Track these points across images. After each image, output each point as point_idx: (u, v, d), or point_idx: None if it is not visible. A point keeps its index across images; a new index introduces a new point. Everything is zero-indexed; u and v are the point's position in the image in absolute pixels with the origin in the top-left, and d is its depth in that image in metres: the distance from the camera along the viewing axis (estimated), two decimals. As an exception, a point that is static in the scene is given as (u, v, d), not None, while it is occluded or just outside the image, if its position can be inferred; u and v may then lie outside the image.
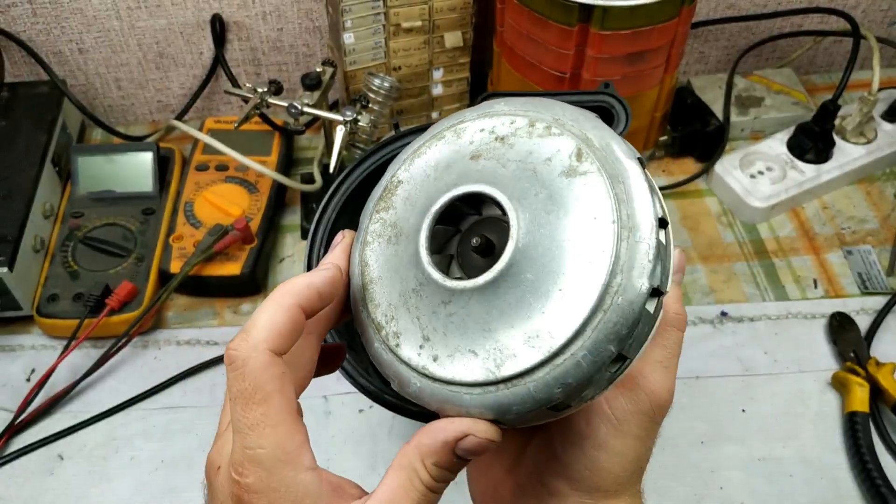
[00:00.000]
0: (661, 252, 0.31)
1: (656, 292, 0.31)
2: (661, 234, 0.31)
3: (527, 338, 0.31)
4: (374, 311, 0.36)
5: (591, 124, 0.34)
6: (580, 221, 0.31)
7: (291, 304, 0.32)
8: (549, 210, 0.32)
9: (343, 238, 0.38)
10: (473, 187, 0.34)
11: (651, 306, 0.31)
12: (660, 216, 0.31)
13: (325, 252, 0.64)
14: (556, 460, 0.37)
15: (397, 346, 0.35)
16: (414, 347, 0.34)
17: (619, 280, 0.30)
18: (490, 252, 0.34)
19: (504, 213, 0.33)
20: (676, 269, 0.36)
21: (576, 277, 0.31)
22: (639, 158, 0.33)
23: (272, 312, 0.32)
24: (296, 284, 0.33)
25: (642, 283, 0.30)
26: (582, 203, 0.32)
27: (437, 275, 0.33)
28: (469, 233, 0.36)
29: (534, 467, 0.39)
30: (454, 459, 0.32)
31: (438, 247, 0.36)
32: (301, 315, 0.33)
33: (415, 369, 0.34)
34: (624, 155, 0.32)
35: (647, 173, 0.33)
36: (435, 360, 0.34)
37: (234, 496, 0.30)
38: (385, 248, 0.37)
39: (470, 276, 0.34)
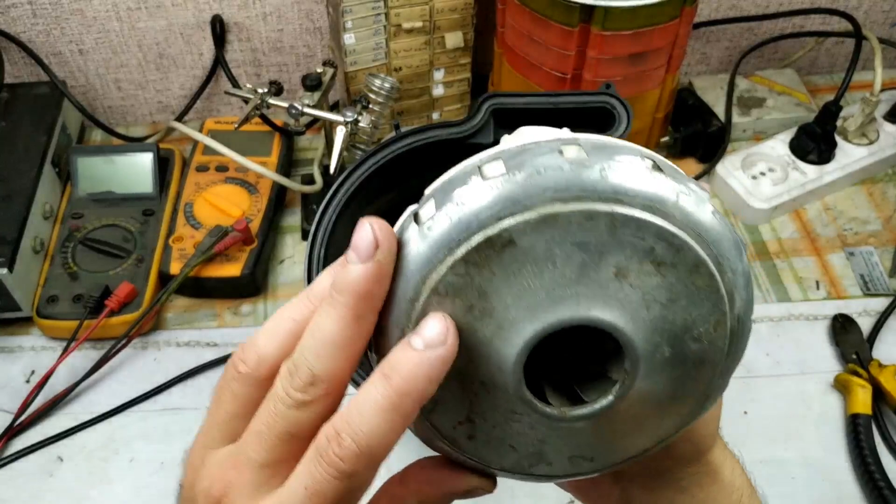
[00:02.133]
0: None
1: None
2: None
3: (658, 422, 0.31)
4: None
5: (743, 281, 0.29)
6: (690, 388, 0.31)
7: (411, 413, 0.27)
8: (665, 376, 0.29)
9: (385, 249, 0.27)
10: (608, 322, 0.27)
11: None
12: (745, 253, 0.30)
13: (326, 253, 0.64)
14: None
15: (430, 411, 0.30)
16: (450, 421, 0.30)
17: (736, 346, 0.31)
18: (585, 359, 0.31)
19: (624, 367, 0.28)
20: None
21: (698, 365, 0.30)
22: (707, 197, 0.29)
23: (393, 425, 0.26)
24: (417, 383, 0.26)
25: (750, 325, 0.31)
26: (697, 373, 0.30)
27: (552, 411, 0.29)
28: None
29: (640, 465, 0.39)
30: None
31: None
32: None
33: (515, 472, 0.32)
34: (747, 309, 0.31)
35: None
36: (470, 439, 0.31)
37: None
38: (457, 313, 0.28)
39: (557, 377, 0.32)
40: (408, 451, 0.32)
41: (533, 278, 0.27)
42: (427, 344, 0.26)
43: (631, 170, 0.27)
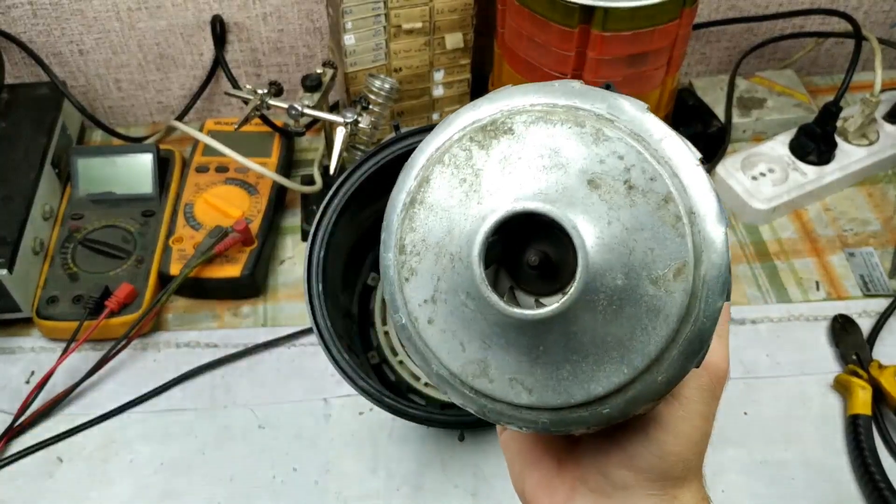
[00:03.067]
0: (730, 264, 0.30)
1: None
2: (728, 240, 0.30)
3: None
4: (413, 292, 0.33)
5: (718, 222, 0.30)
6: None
7: None
8: (615, 310, 0.30)
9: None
10: (568, 220, 0.29)
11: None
12: (727, 223, 0.30)
13: (326, 254, 0.64)
14: (619, 449, 0.35)
15: (407, 280, 0.33)
16: (419, 295, 0.32)
17: (697, 305, 0.29)
18: (550, 273, 0.32)
19: (573, 277, 0.30)
20: None
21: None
22: (701, 160, 0.31)
23: None
24: None
25: (720, 304, 0.29)
26: (650, 323, 0.30)
27: (495, 299, 0.30)
28: (523, 243, 0.33)
29: (593, 458, 0.36)
30: None
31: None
32: None
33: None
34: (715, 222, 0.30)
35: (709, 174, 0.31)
36: (430, 323, 0.32)
37: None
38: (452, 183, 0.32)
39: (525, 291, 0.32)
40: (407, 452, 0.33)
41: (518, 168, 0.31)
42: None
43: (629, 104, 0.31)
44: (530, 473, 0.38)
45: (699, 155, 0.31)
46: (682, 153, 0.30)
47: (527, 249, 0.32)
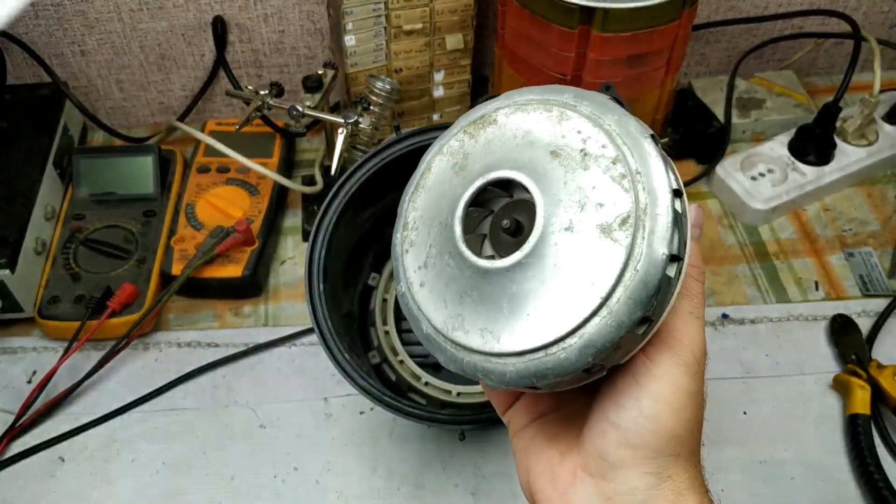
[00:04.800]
0: (678, 220, 0.34)
1: (675, 258, 0.33)
2: (677, 203, 0.34)
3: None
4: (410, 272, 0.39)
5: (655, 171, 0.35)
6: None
7: None
8: (569, 254, 0.34)
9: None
10: (530, 182, 0.35)
11: (671, 271, 0.34)
12: (674, 188, 0.34)
13: (327, 254, 0.65)
14: (615, 429, 0.37)
15: (407, 252, 0.39)
16: (414, 263, 0.38)
17: (640, 250, 0.33)
18: (520, 233, 0.36)
19: (533, 228, 0.35)
20: (693, 223, 0.38)
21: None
22: (652, 135, 0.35)
23: None
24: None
25: (662, 251, 0.33)
26: (599, 266, 0.34)
27: (468, 253, 0.36)
28: (501, 214, 0.38)
29: (593, 444, 0.38)
30: None
31: (472, 226, 0.38)
32: None
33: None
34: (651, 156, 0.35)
35: (661, 149, 0.35)
36: (422, 286, 0.38)
37: None
38: (445, 167, 0.39)
39: (502, 256, 0.36)
40: (408, 451, 0.33)
41: (498, 147, 0.37)
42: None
43: (593, 94, 0.37)
44: (535, 464, 0.41)
45: (651, 131, 0.35)
46: (634, 128, 0.35)
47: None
